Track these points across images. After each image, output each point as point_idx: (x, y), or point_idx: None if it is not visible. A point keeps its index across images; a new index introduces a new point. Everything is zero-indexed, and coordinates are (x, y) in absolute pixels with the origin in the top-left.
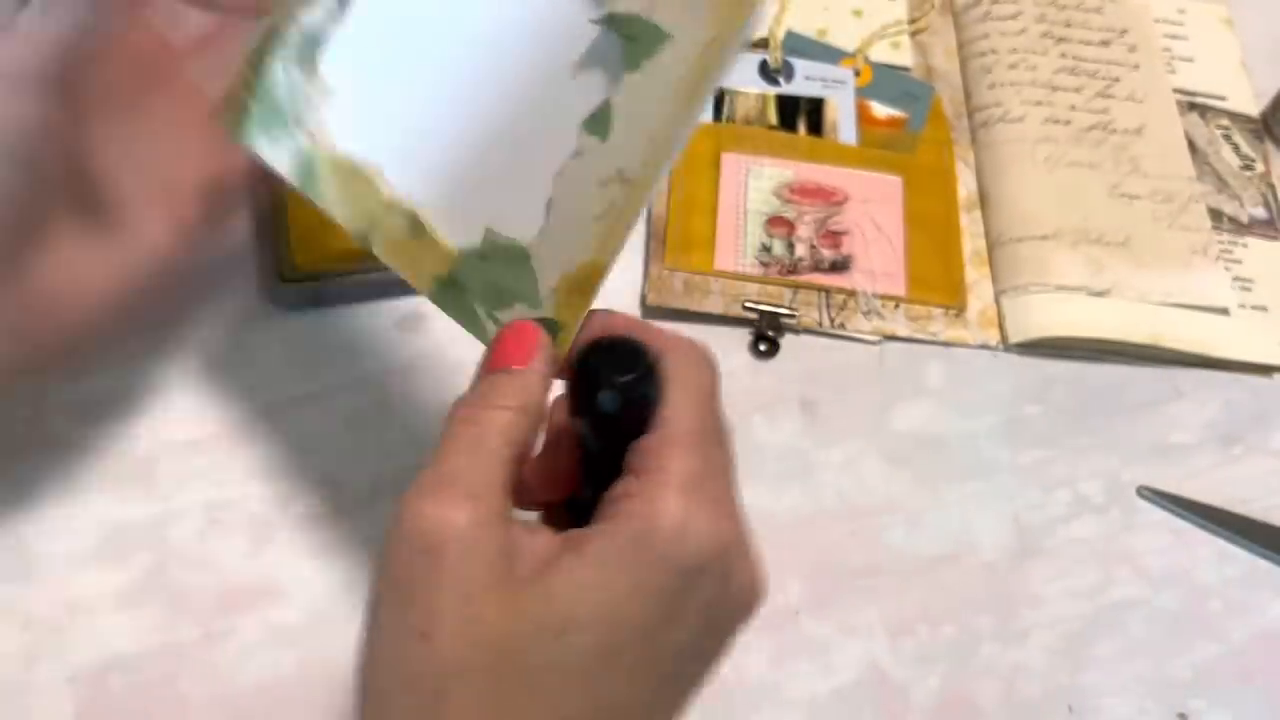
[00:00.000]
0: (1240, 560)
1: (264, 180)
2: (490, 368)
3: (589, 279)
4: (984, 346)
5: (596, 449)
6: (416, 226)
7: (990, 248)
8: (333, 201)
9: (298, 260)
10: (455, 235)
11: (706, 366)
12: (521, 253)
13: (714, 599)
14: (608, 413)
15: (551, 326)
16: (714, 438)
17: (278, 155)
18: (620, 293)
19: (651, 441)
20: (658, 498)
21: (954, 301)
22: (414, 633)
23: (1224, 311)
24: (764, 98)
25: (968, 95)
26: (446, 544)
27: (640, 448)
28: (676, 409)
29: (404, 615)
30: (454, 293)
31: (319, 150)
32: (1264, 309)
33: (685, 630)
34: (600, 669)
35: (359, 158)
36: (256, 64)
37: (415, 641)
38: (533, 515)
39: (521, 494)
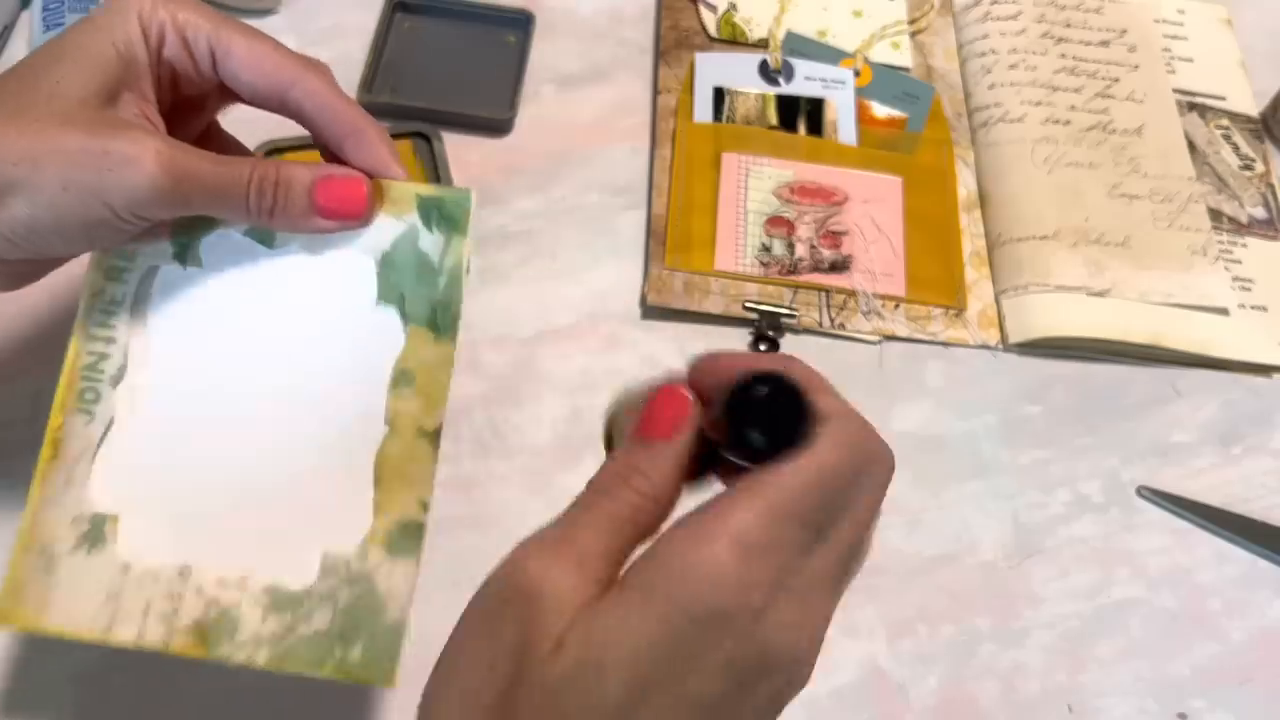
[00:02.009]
0: (1239, 560)
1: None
2: (639, 434)
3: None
4: (984, 346)
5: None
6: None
7: (990, 248)
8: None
9: None
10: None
11: (852, 447)
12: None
13: (738, 653)
14: (751, 448)
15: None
16: (807, 524)
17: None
18: (620, 293)
19: (736, 491)
20: (699, 544)
21: (954, 301)
22: (485, 663)
23: (1224, 312)
24: (764, 98)
25: (967, 95)
26: (544, 596)
27: (724, 493)
28: (784, 475)
29: (483, 646)
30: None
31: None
32: (1263, 309)
33: (711, 679)
34: (630, 705)
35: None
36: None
37: (484, 670)
38: None
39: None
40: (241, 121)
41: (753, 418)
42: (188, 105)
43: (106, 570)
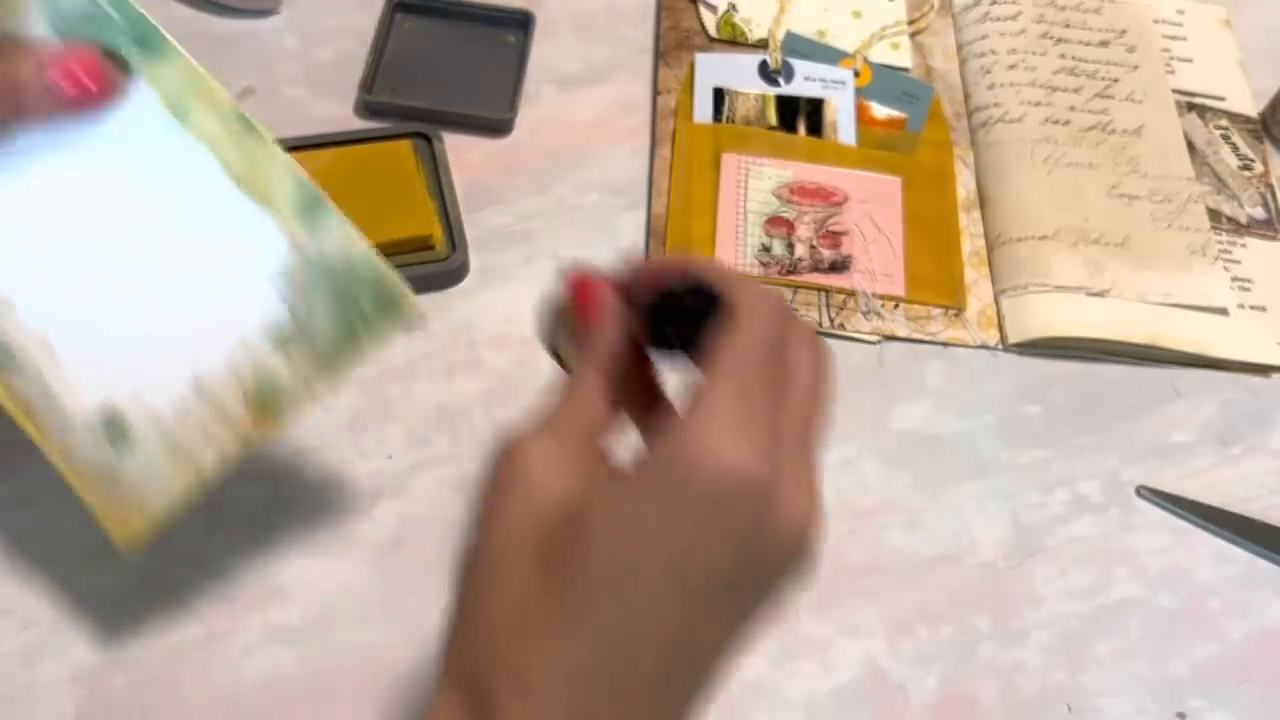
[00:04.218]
0: (1239, 560)
1: None
2: (578, 323)
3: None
4: (983, 346)
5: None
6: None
7: (989, 248)
8: None
9: None
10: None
11: (769, 315)
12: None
13: (745, 532)
14: (670, 342)
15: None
16: (762, 383)
17: None
18: None
19: (698, 384)
20: (688, 431)
21: (953, 301)
22: (484, 525)
23: (1223, 311)
24: (764, 98)
25: (967, 96)
26: (528, 461)
27: (689, 390)
28: (727, 352)
29: (481, 512)
30: None
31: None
32: (1262, 309)
33: (715, 558)
34: (622, 578)
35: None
36: None
37: (482, 532)
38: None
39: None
40: None
41: (667, 315)
42: None
43: (150, 439)
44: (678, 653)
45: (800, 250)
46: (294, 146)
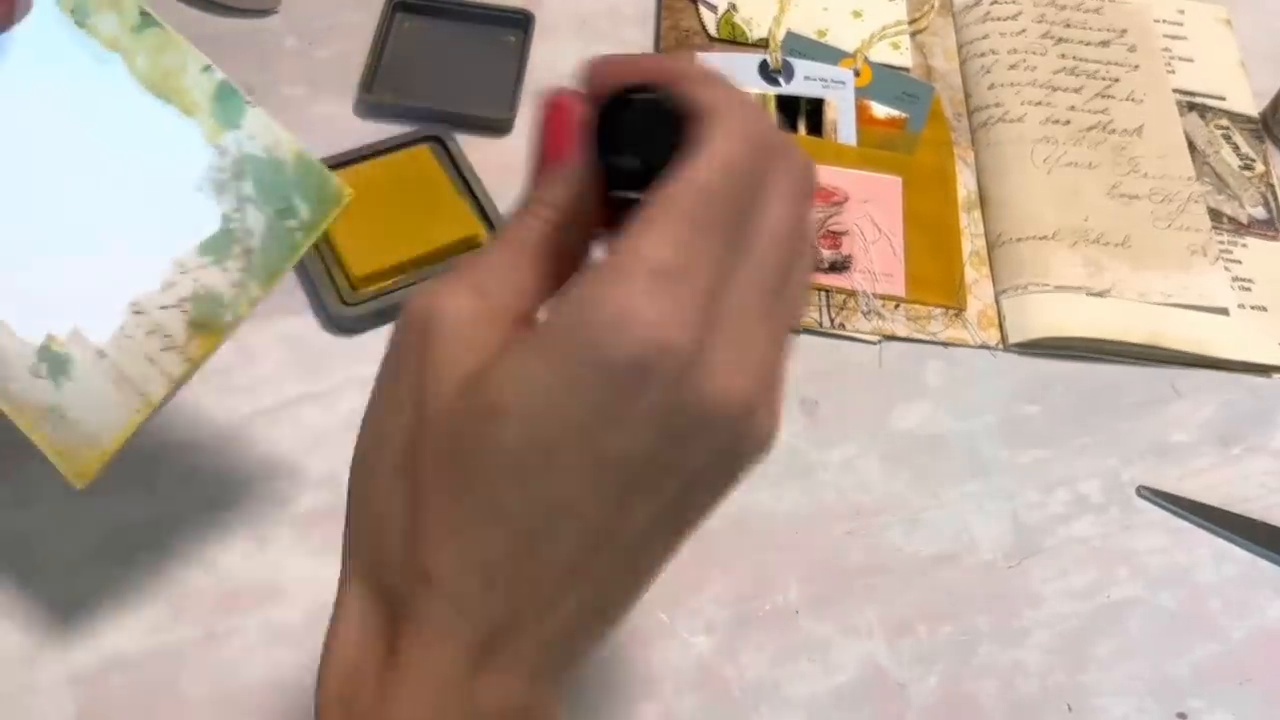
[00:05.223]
0: (1239, 560)
1: None
2: (540, 159)
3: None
4: (983, 346)
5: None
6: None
7: (990, 248)
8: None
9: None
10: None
11: (742, 136)
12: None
13: (667, 408)
14: (625, 173)
15: None
16: (714, 226)
17: None
18: None
19: (634, 220)
20: (605, 282)
21: (953, 301)
22: (396, 405)
23: (1223, 311)
24: (764, 98)
25: (967, 95)
26: (441, 326)
27: (625, 227)
28: (678, 185)
29: (390, 390)
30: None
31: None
32: (1263, 309)
33: (632, 437)
34: (530, 462)
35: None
36: None
37: (393, 413)
38: None
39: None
40: None
41: (620, 139)
42: None
43: (93, 372)
44: (600, 540)
45: None
46: (345, 163)
